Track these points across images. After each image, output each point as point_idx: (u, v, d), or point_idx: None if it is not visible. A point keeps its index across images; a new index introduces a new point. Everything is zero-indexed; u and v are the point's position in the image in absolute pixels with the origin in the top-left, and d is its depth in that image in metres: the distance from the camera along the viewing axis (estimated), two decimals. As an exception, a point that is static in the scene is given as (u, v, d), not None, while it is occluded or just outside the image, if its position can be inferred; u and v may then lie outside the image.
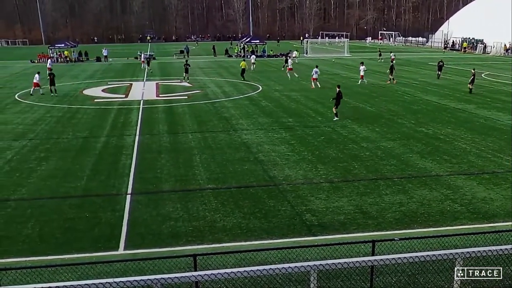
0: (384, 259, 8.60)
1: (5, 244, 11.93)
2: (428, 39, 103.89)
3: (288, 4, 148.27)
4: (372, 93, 35.14)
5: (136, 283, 7.90)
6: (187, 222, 12.97)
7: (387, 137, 22.01)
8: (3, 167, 18.10)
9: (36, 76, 36.95)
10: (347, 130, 23.43)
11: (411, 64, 59.56)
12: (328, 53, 75.53)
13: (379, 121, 25.45)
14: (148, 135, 22.90)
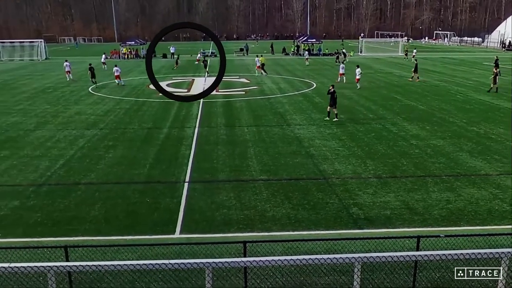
0: (429, 255, 8.32)
1: (75, 224, 12.44)
2: (484, 39, 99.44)
3: (345, 5, 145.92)
4: (424, 92, 34.03)
5: (190, 265, 8.03)
6: (239, 211, 13.07)
7: (437, 135, 21.27)
8: (76, 154, 18.87)
9: (117, 69, 39.11)
10: (397, 127, 22.83)
11: (465, 64, 57.23)
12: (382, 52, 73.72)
13: (430, 119, 24.62)
14: (206, 128, 23.21)
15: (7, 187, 15.23)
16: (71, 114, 27.13)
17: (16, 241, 11.21)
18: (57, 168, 17.02)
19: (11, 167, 17.24)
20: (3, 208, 13.40)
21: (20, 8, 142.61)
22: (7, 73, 50.92)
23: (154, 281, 9.19)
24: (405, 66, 52.31)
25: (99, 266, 7.88)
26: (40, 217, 12.82)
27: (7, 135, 22.23)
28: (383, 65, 55.37)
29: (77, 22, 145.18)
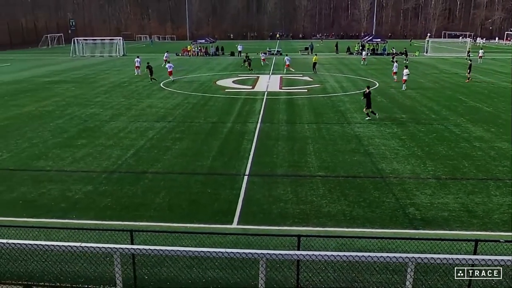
0: (486, 259, 7.87)
1: (141, 210, 12.86)
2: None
3: (413, 4, 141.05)
4: (491, 94, 32.25)
5: (245, 255, 8.07)
6: (295, 205, 12.99)
7: (502, 138, 20.10)
8: (145, 144, 19.50)
9: (170, 65, 40.46)
10: (460, 129, 21.79)
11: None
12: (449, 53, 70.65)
13: (495, 121, 23.30)
14: (268, 124, 23.24)
15: (83, 173, 15.99)
16: (143, 107, 28.08)
17: (88, 223, 11.75)
18: (128, 157, 17.68)
19: (87, 154, 18.09)
20: (78, 192, 14.10)
21: (103, 8, 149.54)
22: (88, 68, 53.48)
23: (210, 268, 9.33)
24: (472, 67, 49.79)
25: (160, 251, 8.07)
26: (110, 202, 13.38)
27: (85, 125, 23.34)
28: (449, 65, 53.06)
29: (153, 21, 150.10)
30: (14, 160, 17.43)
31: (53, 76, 45.53)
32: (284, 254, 8.09)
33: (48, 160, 17.37)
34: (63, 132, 21.73)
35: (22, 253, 9.16)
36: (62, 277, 9.17)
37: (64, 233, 10.30)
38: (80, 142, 19.87)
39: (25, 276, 9.23)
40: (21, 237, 9.31)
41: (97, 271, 9.24)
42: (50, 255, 9.49)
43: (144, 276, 9.19)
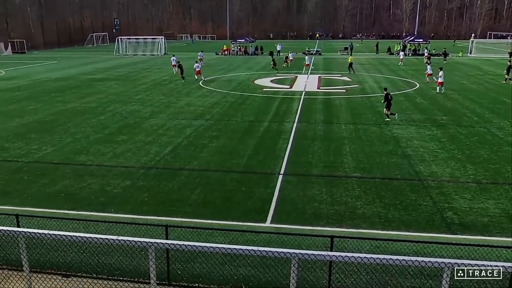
0: (527, 267, 7.53)
1: (176, 205, 13.03)
2: None
3: (458, 4, 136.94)
4: (538, 96, 30.97)
5: (277, 254, 8.03)
6: (329, 205, 12.85)
7: (548, 142, 19.27)
8: (183, 141, 19.75)
9: (197, 65, 40.79)
10: (504, 132, 21.00)
11: None
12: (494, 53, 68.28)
13: (542, 125, 22.37)
14: (305, 123, 23.10)
15: (122, 168, 16.34)
16: (182, 105, 28.45)
17: (125, 217, 12.00)
18: (165, 154, 17.95)
19: (127, 150, 18.48)
20: (117, 187, 14.42)
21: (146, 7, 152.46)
22: (130, 66, 54.64)
23: (242, 266, 9.34)
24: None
25: (194, 246, 8.12)
26: (147, 197, 13.62)
27: (126, 121, 23.86)
28: (494, 67, 51.23)
29: (195, 21, 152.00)
30: (57, 154, 18.01)
31: (97, 74, 46.77)
32: (316, 255, 7.98)
33: (90, 155, 17.86)
34: (105, 128, 22.29)
35: (62, 244, 9.44)
36: (98, 269, 9.40)
37: (102, 226, 10.56)
38: (120, 138, 20.33)
39: (64, 266, 9.51)
40: (62, 228, 9.58)
41: (132, 264, 9.42)
42: (88, 247, 9.75)
43: (177, 271, 9.30)
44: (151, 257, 8.35)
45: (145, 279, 8.95)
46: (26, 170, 16.20)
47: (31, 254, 8.99)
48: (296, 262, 8.04)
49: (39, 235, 8.11)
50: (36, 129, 22.22)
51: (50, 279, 8.81)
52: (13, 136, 20.97)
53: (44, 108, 27.74)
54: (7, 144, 19.53)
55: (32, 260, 9.03)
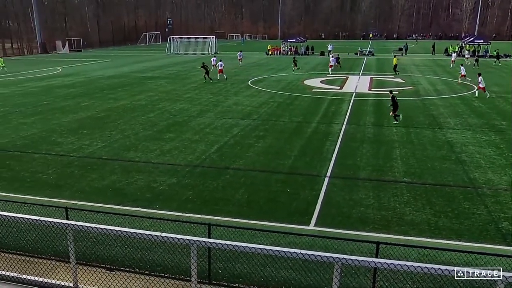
0: None
1: (220, 204, 13.13)
2: None
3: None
4: None
5: (320, 258, 7.91)
6: (376, 210, 12.56)
7: None
8: (229, 141, 19.90)
9: (220, 63, 41.27)
10: None
11: None
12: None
13: None
14: (354, 125, 22.73)
15: (169, 165, 16.65)
16: (229, 104, 28.70)
17: (169, 214, 12.21)
18: (211, 153, 18.14)
19: (174, 148, 18.82)
20: (163, 184, 14.71)
21: (199, 7, 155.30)
22: (181, 65, 55.73)
23: (284, 268, 9.28)
24: None
25: (236, 246, 8.13)
26: (191, 195, 13.80)
27: (174, 119, 24.32)
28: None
29: (246, 20, 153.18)
30: (107, 150, 18.59)
31: (149, 72, 47.99)
32: (360, 261, 7.80)
33: (138, 152, 18.33)
34: (153, 126, 22.82)
35: (108, 238, 9.69)
36: (141, 264, 9.59)
37: (147, 222, 10.75)
38: (168, 136, 20.74)
39: (108, 259, 9.77)
40: (108, 222, 9.84)
41: (174, 261, 9.55)
42: (133, 242, 9.96)
43: (218, 270, 9.36)
44: (193, 255, 8.43)
45: (186, 276, 9.06)
46: (77, 164, 16.83)
47: (78, 246, 9.27)
48: (339, 267, 7.89)
49: (86, 228, 8.34)
50: (88, 125, 23.07)
51: (95, 272, 9.07)
52: (66, 131, 21.86)
53: (97, 105, 28.75)
54: (61, 139, 20.37)
55: (78, 252, 9.31)
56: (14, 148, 19.10)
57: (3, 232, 10.23)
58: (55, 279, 8.74)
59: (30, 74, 47.98)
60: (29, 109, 27.70)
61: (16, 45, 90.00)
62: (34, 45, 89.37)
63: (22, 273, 8.82)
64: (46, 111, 26.98)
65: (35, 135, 21.15)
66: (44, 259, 9.82)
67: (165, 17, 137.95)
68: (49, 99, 31.26)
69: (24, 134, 21.46)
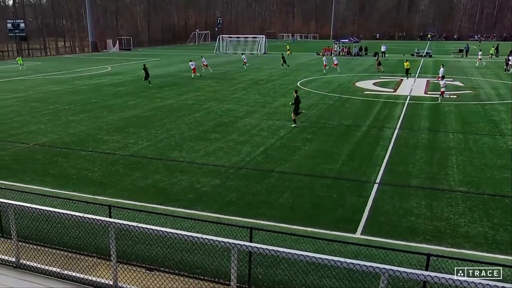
0: None
1: (263, 208, 13.12)
2: None
3: None
4: None
5: (365, 268, 7.75)
6: (428, 221, 12.18)
7: None
8: (275, 143, 19.89)
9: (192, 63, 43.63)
10: None
11: None
12: None
13: None
14: (407, 130, 22.17)
15: (212, 166, 16.82)
16: (277, 105, 28.70)
17: (211, 215, 12.31)
18: (257, 155, 18.19)
19: (218, 149, 19.00)
20: (206, 185, 14.86)
21: (250, 6, 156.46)
22: (229, 65, 56.30)
23: (327, 277, 9.14)
24: None
25: (277, 252, 8.09)
26: (234, 197, 13.87)
27: (220, 120, 24.57)
28: None
29: (297, 20, 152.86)
30: (152, 149, 19.01)
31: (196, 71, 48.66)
32: (409, 273, 7.57)
33: (182, 152, 18.62)
34: (199, 126, 23.14)
35: (149, 238, 9.89)
36: (181, 265, 9.71)
37: (188, 223, 10.89)
38: (213, 136, 20.97)
39: (148, 259, 9.96)
40: (150, 222, 10.02)
41: (214, 264, 9.62)
42: (173, 243, 10.09)
43: (258, 275, 9.34)
44: (233, 259, 8.45)
45: (225, 280, 9.10)
46: (121, 162, 17.30)
47: (119, 244, 9.50)
48: (386, 279, 7.69)
49: (128, 226, 8.52)
50: (134, 124, 23.68)
51: (135, 271, 9.27)
52: (113, 129, 22.54)
53: (144, 104, 29.48)
54: (107, 137, 21.02)
55: (119, 250, 9.54)
56: (62, 145, 19.88)
57: (48, 227, 10.65)
58: (95, 276, 8.98)
59: (81, 72, 49.87)
60: (78, 107, 28.78)
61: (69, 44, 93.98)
62: (85, 43, 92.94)
63: (64, 269, 9.12)
64: (94, 109, 27.95)
65: (83, 133, 21.94)
66: (85, 256, 10.14)
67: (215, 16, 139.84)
68: (97, 97, 32.37)
69: (72, 131, 22.31)
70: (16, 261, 9.33)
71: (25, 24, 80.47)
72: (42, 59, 74.55)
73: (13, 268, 9.27)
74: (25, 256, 9.46)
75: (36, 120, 24.99)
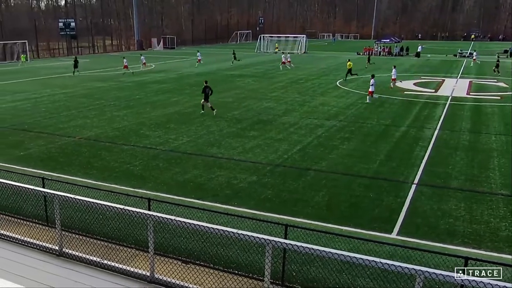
0: None
1: (299, 206, 13.01)
2: None
3: None
4: None
5: (401, 269, 7.55)
6: (467, 223, 11.77)
7: None
8: (313, 141, 19.71)
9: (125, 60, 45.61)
10: None
11: None
12: None
13: None
14: (448, 131, 21.54)
15: (250, 163, 16.81)
16: (316, 104, 28.45)
17: (247, 211, 12.30)
18: (294, 153, 18.06)
19: (256, 146, 18.99)
20: (243, 181, 14.87)
21: (291, 6, 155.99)
22: (269, 64, 56.26)
23: (361, 276, 8.97)
24: None
25: (312, 249, 7.98)
26: (270, 194, 13.81)
27: (259, 117, 24.56)
28: None
29: (339, 19, 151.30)
30: (191, 145, 19.18)
31: (236, 70, 48.95)
32: (445, 275, 7.31)
33: (221, 148, 18.71)
34: (238, 123, 23.20)
35: (186, 231, 9.92)
36: (216, 260, 9.74)
37: (224, 218, 10.90)
38: (251, 134, 20.97)
39: (184, 252, 10.03)
40: (187, 216, 10.08)
41: (248, 259, 9.58)
42: (209, 237, 10.12)
43: (292, 273, 9.25)
44: (268, 255, 8.39)
45: (259, 275, 9.05)
46: (162, 157, 17.53)
47: (157, 237, 9.60)
48: (422, 281, 7.45)
49: (166, 220, 8.60)
50: (175, 120, 23.98)
51: (171, 264, 9.35)
52: (154, 125, 22.89)
53: (185, 101, 29.83)
54: (149, 132, 21.36)
55: (157, 243, 9.65)
56: (106, 139, 20.33)
57: (90, 218, 10.88)
58: (133, 267, 9.10)
59: (126, 70, 50.90)
60: (122, 103, 29.39)
61: (116, 42, 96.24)
62: (131, 42, 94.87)
63: (104, 259, 9.28)
64: (137, 105, 28.48)
65: (126, 128, 22.38)
66: (124, 247, 10.30)
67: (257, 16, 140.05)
68: (141, 94, 32.97)
69: (116, 126, 22.79)
70: (59, 250, 9.57)
71: (75, 23, 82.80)
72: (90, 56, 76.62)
73: (56, 256, 9.51)
74: (67, 245, 9.69)
75: (83, 115, 25.67)
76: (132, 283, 8.76)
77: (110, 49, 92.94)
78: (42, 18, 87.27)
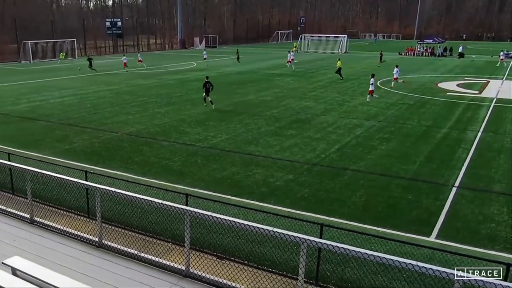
0: None
1: (335, 205, 12.82)
2: None
3: None
4: None
5: (438, 273, 7.31)
6: (509, 228, 11.28)
7: None
8: (351, 141, 19.40)
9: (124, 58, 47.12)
10: None
11: None
12: None
13: None
14: (491, 133, 20.77)
15: (287, 162, 16.70)
16: (355, 104, 28.03)
17: (282, 209, 12.20)
18: (331, 152, 17.83)
19: (294, 145, 18.86)
20: (279, 179, 14.78)
21: (333, 6, 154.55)
22: (310, 63, 55.91)
23: (397, 279, 8.72)
24: None
25: (347, 250, 7.84)
26: (307, 193, 13.67)
27: (297, 116, 24.40)
28: None
29: (381, 19, 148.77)
30: (230, 142, 19.24)
31: (276, 69, 48.86)
32: (486, 282, 7.04)
33: (259, 146, 18.67)
34: (276, 121, 23.11)
35: (221, 227, 9.95)
36: (250, 257, 9.69)
37: (260, 216, 10.83)
38: (289, 133, 20.85)
39: (220, 248, 10.04)
40: (223, 212, 10.08)
41: (283, 257, 9.51)
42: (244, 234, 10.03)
43: (326, 272, 9.11)
44: (302, 254, 8.29)
45: (293, 274, 8.94)
46: (200, 154, 17.66)
47: (193, 232, 9.66)
48: (460, 286, 7.20)
49: (203, 215, 8.65)
50: (215, 117, 24.12)
51: (206, 259, 9.38)
52: (194, 122, 23.10)
53: (224, 99, 29.94)
54: (189, 129, 21.57)
55: (193, 238, 9.71)
56: (148, 135, 20.66)
57: (129, 211, 11.05)
58: (169, 260, 9.19)
59: (168, 68, 51.70)
60: (164, 100, 29.83)
61: (159, 41, 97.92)
62: (174, 41, 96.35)
63: (141, 251, 9.42)
64: (178, 102, 28.85)
65: (167, 124, 22.68)
66: (161, 241, 10.40)
67: (299, 16, 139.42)
68: (182, 91, 33.37)
69: (157, 122, 23.14)
70: (99, 241, 9.77)
71: (122, 23, 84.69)
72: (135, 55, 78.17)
73: (95, 248, 9.72)
74: (107, 237, 9.89)
75: (126, 111, 26.20)
76: (168, 276, 8.85)
77: (154, 47, 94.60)
78: (91, 18, 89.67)
